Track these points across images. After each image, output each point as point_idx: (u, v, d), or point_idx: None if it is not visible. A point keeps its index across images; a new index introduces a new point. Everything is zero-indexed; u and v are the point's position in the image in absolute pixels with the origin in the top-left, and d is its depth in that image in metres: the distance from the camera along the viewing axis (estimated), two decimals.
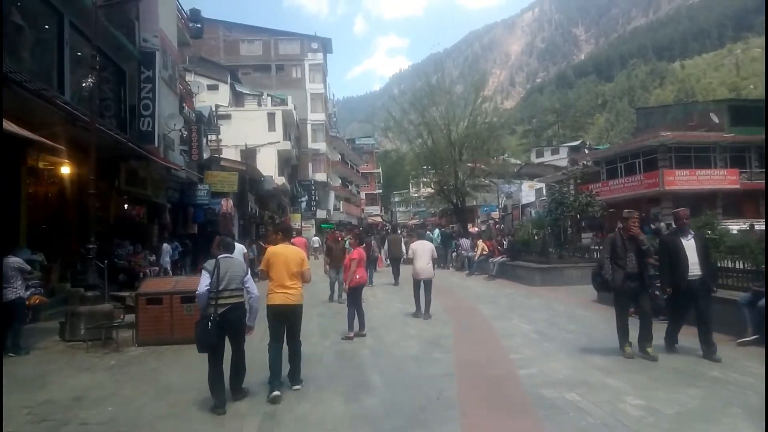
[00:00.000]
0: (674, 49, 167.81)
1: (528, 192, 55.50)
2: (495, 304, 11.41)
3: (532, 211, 51.77)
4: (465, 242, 20.70)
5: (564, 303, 11.00)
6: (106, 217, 16.58)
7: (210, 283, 5.37)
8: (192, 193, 22.77)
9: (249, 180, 27.79)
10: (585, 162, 33.59)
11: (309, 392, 5.73)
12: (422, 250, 10.50)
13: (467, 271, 18.83)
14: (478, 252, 18.11)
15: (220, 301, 5.35)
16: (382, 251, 20.17)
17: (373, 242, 23.60)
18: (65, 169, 13.42)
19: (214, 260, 5.60)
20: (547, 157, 65.47)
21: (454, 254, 21.39)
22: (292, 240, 23.41)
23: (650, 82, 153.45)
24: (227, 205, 23.53)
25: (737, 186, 31.65)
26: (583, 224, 15.43)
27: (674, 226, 7.37)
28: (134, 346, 8.44)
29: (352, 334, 8.54)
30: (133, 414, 5.27)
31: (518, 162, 29.91)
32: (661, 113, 41.14)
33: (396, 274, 16.58)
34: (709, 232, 9.97)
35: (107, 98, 16.35)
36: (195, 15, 53.47)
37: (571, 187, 40.33)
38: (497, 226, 52.62)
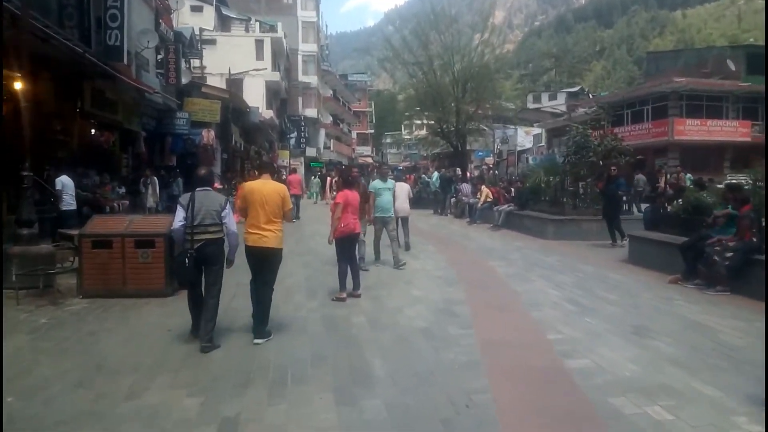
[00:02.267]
0: None
1: (524, 138, 53.74)
2: (507, 260, 9.92)
3: (529, 158, 50.27)
4: (466, 187, 19.11)
5: (589, 263, 9.49)
6: (69, 142, 14.73)
7: (185, 218, 5.14)
8: (170, 121, 20.84)
9: (233, 110, 25.66)
10: (598, 105, 31.63)
11: (287, 384, 4.25)
12: (399, 191, 11.30)
13: (468, 219, 17.33)
14: (482, 199, 16.55)
15: (195, 237, 5.14)
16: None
17: (361, 180, 22.32)
18: (18, 85, 11.47)
19: (188, 194, 5.34)
20: (544, 103, 63.37)
21: (453, 200, 19.77)
22: (287, 178, 21.86)
23: (650, 31, 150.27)
24: (208, 136, 21.63)
25: (748, 139, 30.15)
26: (583, 171, 13.72)
27: None
28: (78, 298, 6.91)
29: (344, 295, 7.05)
30: (38, 410, 3.75)
31: (513, 107, 28.21)
32: (673, 58, 38.98)
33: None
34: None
35: (67, 5, 14.13)
36: None
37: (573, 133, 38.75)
38: (491, 171, 51.33)
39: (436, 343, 5.23)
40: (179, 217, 5.17)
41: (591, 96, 55.47)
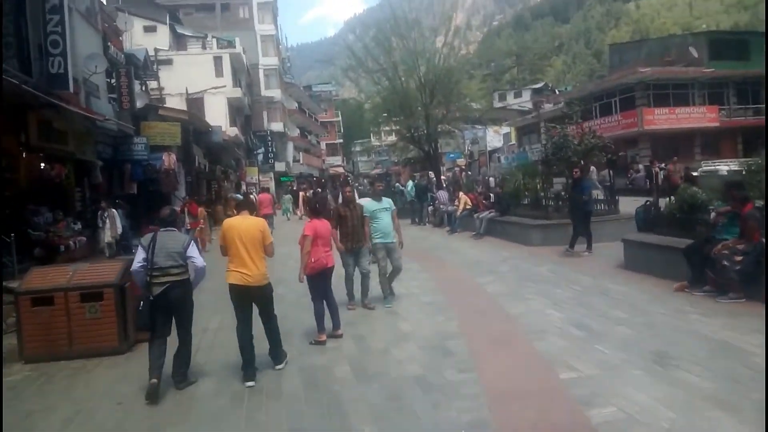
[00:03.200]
0: None
1: (494, 137, 53.68)
2: (497, 275, 9.26)
3: (501, 157, 50.13)
4: (442, 195, 18.47)
5: (584, 272, 8.87)
6: (16, 179, 13.65)
7: (145, 259, 5.01)
8: (127, 148, 19.78)
9: (194, 131, 24.65)
10: (565, 101, 31.49)
11: None
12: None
13: (448, 228, 16.66)
14: (461, 206, 15.92)
15: (156, 280, 5.00)
16: None
17: (328, 197, 21.59)
18: None
19: (150, 234, 5.21)
20: (509, 101, 63.50)
21: (430, 208, 19.12)
22: (258, 197, 20.96)
23: (606, 23, 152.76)
24: (169, 160, 20.62)
25: (717, 124, 30.31)
26: (565, 172, 13.25)
27: None
28: (20, 364, 6.01)
29: (323, 337, 6.29)
30: None
31: (479, 107, 27.89)
32: (635, 49, 39.13)
33: None
34: None
35: (5, 34, 13.08)
36: None
37: (542, 130, 38.58)
38: (463, 173, 51.07)
39: (434, 395, 4.49)
40: (138, 259, 5.06)
41: (556, 92, 55.79)
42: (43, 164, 14.82)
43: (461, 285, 8.94)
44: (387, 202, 8.18)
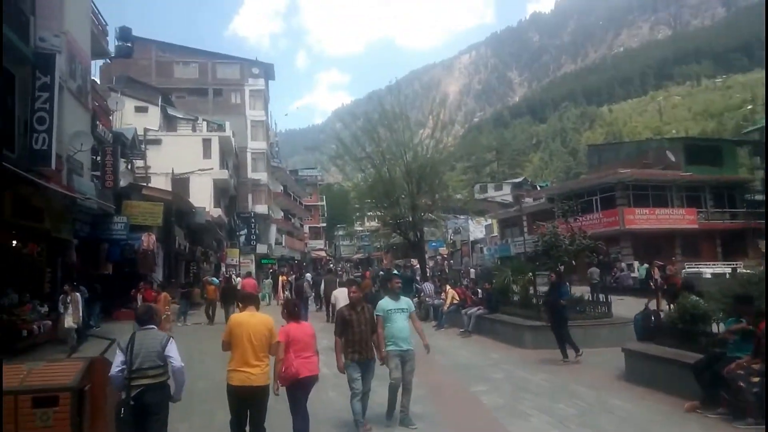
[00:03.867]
0: (602, 94, 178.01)
1: (476, 228, 54.17)
2: (491, 383, 8.66)
3: (484, 248, 50.34)
4: (428, 287, 18.03)
5: (583, 382, 8.23)
6: None
7: (123, 362, 4.79)
8: (106, 227, 19.34)
9: (177, 212, 24.31)
10: (551, 197, 32.12)
11: None
12: (342, 296, 11.47)
13: (434, 323, 16.08)
14: (448, 300, 15.48)
15: (134, 383, 4.73)
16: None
17: (305, 283, 21.32)
18: None
19: (130, 335, 4.96)
20: (490, 193, 64.90)
21: (415, 300, 18.51)
22: (242, 282, 20.16)
23: (581, 124, 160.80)
24: (149, 240, 20.10)
25: (695, 226, 30.89)
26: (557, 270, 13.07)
27: None
28: None
29: None
30: None
31: (461, 197, 28.28)
32: (614, 150, 40.66)
33: None
34: None
35: None
36: (125, 33, 49.74)
37: (525, 224, 39.01)
38: (446, 261, 50.92)
39: None
40: (117, 362, 4.82)
41: (537, 187, 57.12)
42: (15, 242, 14.24)
43: (454, 395, 8.30)
44: (405, 302, 6.92)
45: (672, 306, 8.63)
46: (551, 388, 8.19)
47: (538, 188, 54.02)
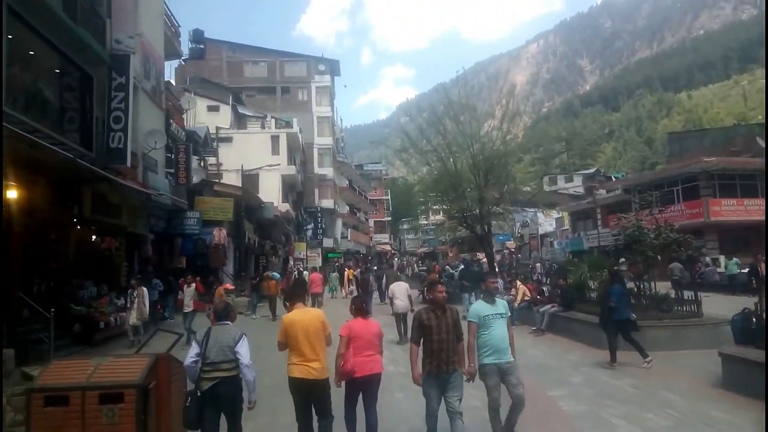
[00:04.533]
0: (680, 80, 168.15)
1: (545, 221, 52.48)
2: (570, 387, 8.05)
3: (554, 242, 48.70)
4: (498, 283, 17.37)
5: (675, 389, 7.51)
6: (65, 251, 13.62)
7: (198, 354, 4.99)
8: (180, 222, 20.01)
9: (246, 207, 24.80)
10: (640, 192, 30.49)
11: None
12: (399, 290, 13.28)
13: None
14: (519, 297, 14.81)
15: (206, 375, 4.94)
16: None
17: (370, 277, 21.45)
18: (11, 193, 10.45)
19: (206, 329, 5.20)
20: (560, 185, 62.59)
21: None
22: (310, 276, 20.07)
23: (657, 112, 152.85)
24: (220, 235, 20.58)
25: None
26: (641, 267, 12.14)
27: None
28: None
29: None
30: None
31: (529, 189, 27.26)
32: (697, 138, 38.09)
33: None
34: None
35: (69, 108, 13.49)
36: (197, 35, 51.52)
37: (599, 217, 37.30)
38: (513, 255, 49.64)
39: None
40: (192, 354, 5.01)
41: (613, 178, 54.61)
42: (94, 237, 14.86)
43: (531, 399, 7.70)
44: (502, 305, 5.87)
45: None
46: (638, 394, 7.48)
47: (613, 179, 51.53)
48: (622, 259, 12.13)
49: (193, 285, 14.07)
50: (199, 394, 4.94)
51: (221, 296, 14.69)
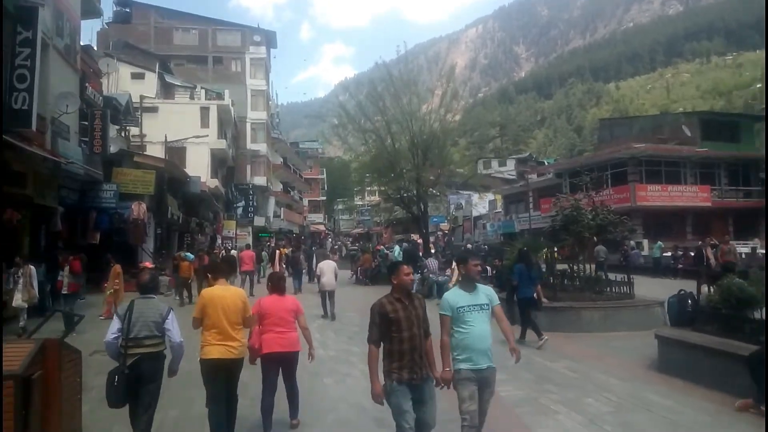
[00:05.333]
0: (609, 70, 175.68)
1: (478, 203, 53.19)
2: (507, 372, 7.35)
3: (487, 224, 49.42)
4: (432, 263, 17.11)
5: (612, 372, 7.40)
6: None
7: (119, 329, 4.71)
8: (95, 195, 18.49)
9: (170, 180, 23.30)
10: (555, 172, 31.14)
11: None
12: (327, 269, 13.62)
13: (438, 302, 15.17)
14: (454, 279, 14.57)
15: (129, 351, 4.67)
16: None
17: (300, 256, 21.27)
18: None
19: (128, 302, 4.90)
20: (494, 168, 63.64)
21: (418, 276, 17.51)
22: (240, 254, 18.96)
23: (587, 101, 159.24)
24: (139, 209, 19.17)
25: (709, 203, 29.87)
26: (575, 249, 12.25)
27: None
28: None
29: None
30: None
31: (464, 172, 27.29)
32: (626, 125, 39.31)
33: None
34: None
35: None
36: None
37: (531, 200, 38.02)
38: (446, 237, 50.09)
39: None
40: (113, 329, 4.74)
41: (545, 162, 55.96)
42: None
43: None
44: (485, 293, 4.51)
45: (711, 288, 7.71)
46: (576, 378, 7.24)
47: (546, 164, 52.80)
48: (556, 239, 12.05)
49: (75, 263, 12.87)
50: (126, 372, 4.63)
51: (117, 276, 13.31)
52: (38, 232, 15.61)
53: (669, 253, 22.73)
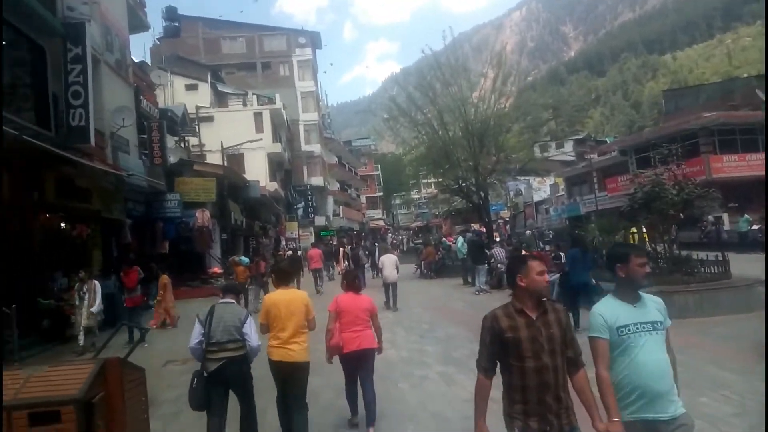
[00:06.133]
0: (664, 42, 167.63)
1: (539, 188, 51.55)
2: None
3: (550, 209, 47.84)
4: (499, 252, 16.36)
5: (724, 365, 6.50)
6: (29, 240, 12.41)
7: (202, 334, 4.82)
8: (160, 205, 18.90)
9: (230, 186, 23.58)
10: (620, 149, 29.53)
11: None
12: (389, 262, 14.00)
13: (510, 293, 14.46)
14: None
15: (212, 356, 4.75)
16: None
17: (360, 252, 21.97)
18: None
19: (209, 307, 4.98)
20: (552, 152, 61.60)
21: (485, 267, 16.67)
22: (309, 253, 19.05)
23: (642, 75, 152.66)
24: (203, 216, 19.42)
25: None
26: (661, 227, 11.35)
27: None
28: None
29: (356, 420, 5.55)
30: None
31: (520, 157, 26.33)
32: (693, 94, 36.98)
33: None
34: None
35: (20, 85, 12.15)
36: (171, 12, 49.60)
37: (595, 180, 36.38)
38: (506, 225, 48.75)
39: None
40: (195, 335, 4.87)
41: (605, 141, 53.68)
42: (63, 224, 13.66)
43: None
44: (654, 305, 3.10)
45: None
46: (682, 373, 6.39)
47: (608, 142, 50.54)
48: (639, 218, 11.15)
49: (130, 276, 12.28)
50: (205, 375, 4.74)
51: (165, 288, 13.13)
52: (109, 245, 16.00)
53: (757, 227, 21.00)
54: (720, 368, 6.46)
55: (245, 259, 17.40)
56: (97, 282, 10.95)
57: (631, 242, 11.73)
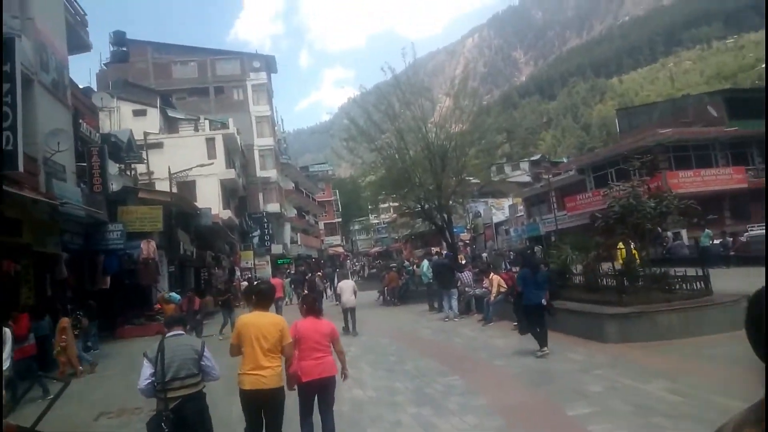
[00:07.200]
0: (610, 65, 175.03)
1: (497, 209, 51.70)
2: (592, 400, 6.02)
3: (510, 229, 47.84)
4: (467, 276, 15.71)
5: (726, 392, 5.73)
6: None
7: (154, 374, 4.36)
8: (101, 237, 17.41)
9: (179, 215, 22.24)
10: (577, 168, 29.67)
11: None
12: (347, 287, 14.17)
13: (479, 317, 13.75)
14: (494, 291, 13.14)
15: (170, 395, 4.35)
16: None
17: (316, 278, 21.97)
18: None
19: (157, 344, 4.53)
20: (508, 173, 62.17)
21: (454, 291, 15.92)
22: (271, 280, 18.00)
23: (591, 98, 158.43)
24: (148, 248, 18.08)
25: (745, 185, 28.16)
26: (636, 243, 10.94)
27: None
28: None
29: None
30: None
31: (477, 181, 26.27)
32: (646, 113, 37.79)
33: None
34: None
35: None
36: (119, 37, 47.93)
37: (553, 200, 36.49)
38: (467, 248, 48.47)
39: None
40: (145, 375, 4.40)
41: (561, 161, 54.48)
42: None
43: (549, 424, 5.90)
44: None
45: None
46: (686, 404, 5.76)
47: (565, 161, 51.26)
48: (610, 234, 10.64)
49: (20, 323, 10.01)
50: (164, 419, 4.28)
51: (64, 331, 11.15)
52: (43, 281, 14.55)
53: (718, 241, 21.10)
54: (726, 397, 5.72)
55: (176, 296, 16.14)
56: (7, 330, 8.51)
57: (619, 259, 11.14)
